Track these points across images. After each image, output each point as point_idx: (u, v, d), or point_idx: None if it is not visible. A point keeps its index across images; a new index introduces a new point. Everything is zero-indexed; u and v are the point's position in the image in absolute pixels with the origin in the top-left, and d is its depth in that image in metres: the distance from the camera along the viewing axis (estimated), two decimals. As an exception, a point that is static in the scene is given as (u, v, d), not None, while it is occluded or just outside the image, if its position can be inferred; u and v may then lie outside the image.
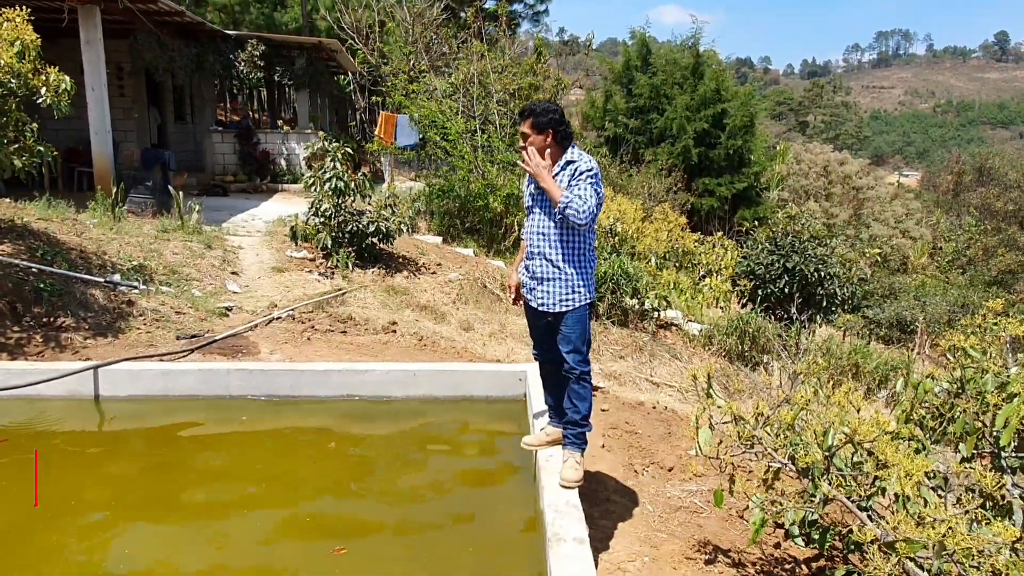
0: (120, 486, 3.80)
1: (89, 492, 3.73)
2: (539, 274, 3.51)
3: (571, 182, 3.37)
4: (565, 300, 3.46)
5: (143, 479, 3.88)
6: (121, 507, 3.55)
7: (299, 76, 14.69)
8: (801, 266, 11.56)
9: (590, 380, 3.59)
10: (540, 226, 3.50)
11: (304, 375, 4.88)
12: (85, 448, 4.30)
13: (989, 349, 3.80)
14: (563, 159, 3.45)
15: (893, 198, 22.52)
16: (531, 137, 3.42)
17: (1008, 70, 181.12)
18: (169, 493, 3.70)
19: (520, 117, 3.52)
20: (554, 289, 3.47)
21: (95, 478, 3.89)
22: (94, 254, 7.15)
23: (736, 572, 3.55)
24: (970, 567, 2.33)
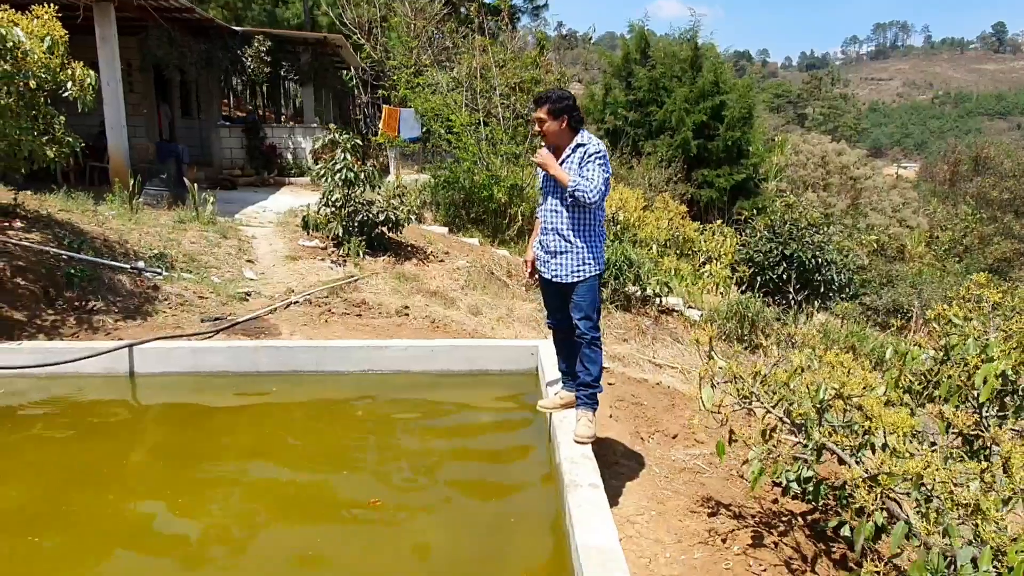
0: (164, 451, 4.09)
1: (135, 456, 4.01)
2: (553, 248, 3.80)
3: (581, 164, 3.64)
4: (577, 271, 3.75)
5: (185, 444, 4.16)
6: (169, 469, 3.83)
7: (304, 71, 14.94)
8: (799, 253, 11.85)
9: (600, 345, 3.86)
10: (553, 205, 3.80)
11: (328, 351, 5.16)
12: (127, 419, 4.59)
13: (971, 317, 4.08)
14: (574, 142, 3.71)
15: (891, 188, 22.78)
16: (547, 123, 3.68)
17: (1006, 61, 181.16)
18: (213, 456, 3.99)
19: (536, 104, 3.74)
20: (567, 261, 3.76)
21: (140, 444, 4.17)
22: (117, 243, 7.42)
23: (737, 523, 3.83)
24: (945, 498, 2.61)
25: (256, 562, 3.06)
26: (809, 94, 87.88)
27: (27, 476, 3.70)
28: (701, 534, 3.69)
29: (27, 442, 4.11)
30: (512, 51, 15.32)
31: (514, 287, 9.80)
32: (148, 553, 3.10)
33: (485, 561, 3.10)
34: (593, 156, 3.63)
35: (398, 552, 3.12)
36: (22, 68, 5.24)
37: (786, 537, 3.77)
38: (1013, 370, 3.57)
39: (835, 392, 3.20)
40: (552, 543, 3.21)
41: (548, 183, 3.85)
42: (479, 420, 4.70)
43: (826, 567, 3.58)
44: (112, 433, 4.33)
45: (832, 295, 12.71)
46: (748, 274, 11.72)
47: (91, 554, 3.07)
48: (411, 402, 4.89)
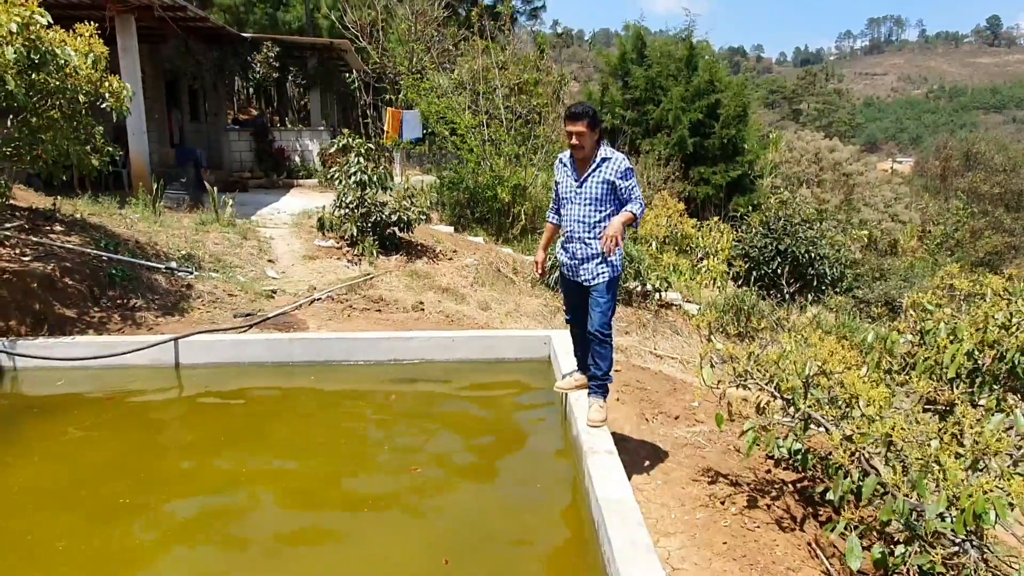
0: (218, 430, 4.53)
1: (191, 436, 4.46)
2: (580, 255, 4.07)
3: (616, 180, 3.92)
4: (601, 274, 4.05)
5: (237, 424, 4.61)
6: (225, 445, 4.28)
7: (311, 76, 15.38)
8: (792, 248, 12.32)
9: (611, 343, 4.17)
10: (579, 215, 4.03)
11: (357, 342, 5.62)
12: (181, 403, 5.04)
13: (942, 304, 4.54)
14: (599, 155, 3.96)
15: (883, 183, 23.29)
16: (586, 135, 3.86)
17: (1000, 55, 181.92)
18: (263, 434, 4.44)
19: (573, 118, 3.87)
20: (591, 266, 4.04)
21: (195, 425, 4.62)
22: (147, 244, 7.86)
23: (734, 489, 4.29)
24: (912, 456, 3.07)
25: (331, 506, 3.54)
26: (804, 89, 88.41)
27: (100, 454, 4.14)
28: (702, 499, 4.15)
29: (91, 426, 4.55)
30: (512, 53, 15.76)
31: (520, 283, 10.26)
32: (232, 507, 3.55)
33: (514, 513, 3.57)
34: (629, 172, 3.96)
35: (439, 509, 3.58)
36: (72, 84, 5.67)
37: (778, 501, 4.23)
38: (977, 349, 4.03)
39: (819, 369, 3.65)
40: (571, 499, 3.67)
41: (575, 191, 4.04)
42: (501, 401, 5.16)
43: (813, 527, 4.04)
44: (172, 414, 4.79)
45: (825, 289, 13.19)
46: (744, 269, 12.18)
47: (171, 514, 3.52)
48: (438, 386, 5.35)
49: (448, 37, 17.85)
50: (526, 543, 3.36)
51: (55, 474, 3.89)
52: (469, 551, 3.29)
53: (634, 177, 4.00)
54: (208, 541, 3.35)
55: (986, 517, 2.75)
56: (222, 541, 3.36)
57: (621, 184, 3.93)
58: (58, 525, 3.37)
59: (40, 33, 5.49)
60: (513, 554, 3.28)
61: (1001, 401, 3.83)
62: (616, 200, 4.00)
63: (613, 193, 3.97)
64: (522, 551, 3.31)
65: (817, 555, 3.76)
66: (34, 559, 3.12)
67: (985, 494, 2.76)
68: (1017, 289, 4.12)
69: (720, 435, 5.10)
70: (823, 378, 3.78)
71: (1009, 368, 3.91)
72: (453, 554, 3.22)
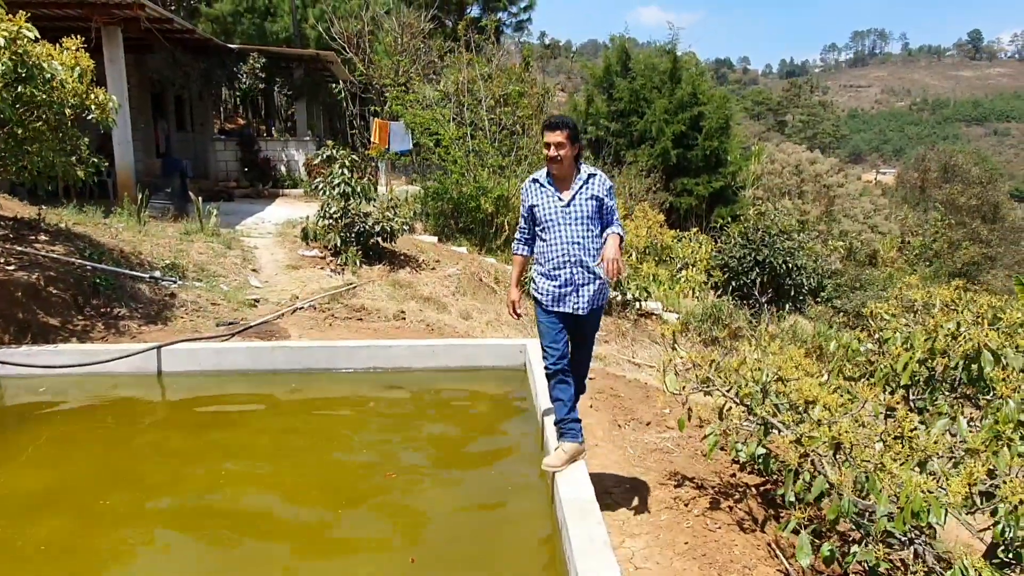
0: (200, 437, 4.65)
1: (174, 442, 4.57)
2: (577, 280, 3.71)
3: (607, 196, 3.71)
4: (598, 300, 3.82)
5: (219, 431, 4.73)
6: (207, 452, 4.40)
7: (298, 86, 15.52)
8: (770, 259, 12.56)
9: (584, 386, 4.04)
10: (573, 236, 3.67)
11: (338, 351, 5.74)
12: (164, 410, 5.15)
13: (897, 314, 4.74)
14: (583, 172, 3.71)
15: (861, 194, 23.69)
16: (567, 147, 3.60)
17: (982, 68, 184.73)
18: (245, 440, 4.56)
19: (552, 128, 3.62)
20: (591, 292, 3.75)
21: (178, 432, 4.73)
22: (131, 254, 7.95)
23: (699, 492, 4.45)
24: (860, 458, 3.24)
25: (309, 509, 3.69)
26: (789, 101, 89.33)
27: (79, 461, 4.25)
28: (668, 501, 4.30)
29: (74, 432, 4.65)
30: (497, 65, 15.99)
31: (501, 293, 10.42)
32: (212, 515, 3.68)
33: (483, 515, 3.72)
34: (613, 191, 3.81)
35: (410, 512, 3.72)
36: (58, 97, 5.79)
37: (740, 503, 4.39)
38: (929, 356, 4.22)
39: (776, 375, 3.83)
40: (540, 502, 3.82)
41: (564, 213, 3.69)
42: (476, 408, 5.31)
43: (773, 528, 4.20)
44: (157, 421, 4.89)
45: (804, 298, 13.45)
46: (723, 279, 12.41)
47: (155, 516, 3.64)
48: (417, 395, 5.48)
49: (434, 49, 18.04)
50: (492, 543, 3.51)
51: (40, 480, 3.99)
52: (437, 550, 3.43)
53: (615, 198, 3.86)
54: (191, 544, 3.47)
55: (923, 515, 2.92)
56: (204, 543, 3.47)
57: (608, 203, 3.72)
58: (45, 529, 3.47)
59: (27, 47, 5.61)
60: (479, 553, 3.42)
61: (953, 406, 4.02)
62: (601, 220, 3.74)
63: (599, 211, 3.71)
64: (487, 550, 3.45)
65: (776, 555, 3.93)
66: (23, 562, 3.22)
67: (923, 494, 2.93)
68: (965, 300, 4.32)
69: (688, 440, 5.27)
70: (780, 384, 3.95)
71: (958, 376, 4.10)
72: (421, 554, 3.36)
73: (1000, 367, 3.56)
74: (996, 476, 3.22)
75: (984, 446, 3.15)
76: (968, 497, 3.02)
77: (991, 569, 2.90)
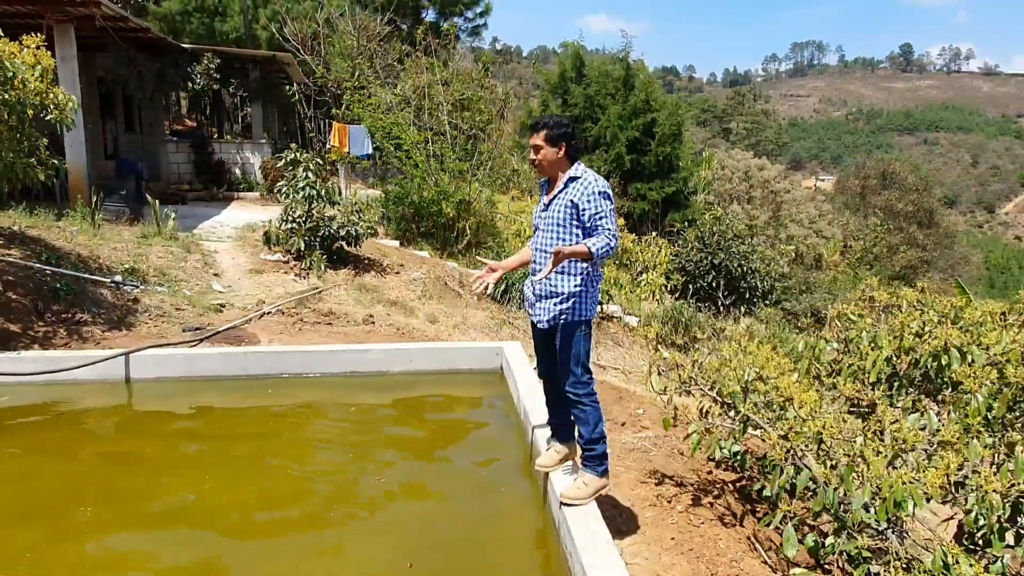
0: (175, 444, 4.55)
1: (148, 449, 4.47)
2: (539, 291, 3.50)
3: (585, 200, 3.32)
4: (556, 316, 3.44)
5: (195, 438, 4.64)
6: (184, 459, 4.32)
7: (253, 88, 15.25)
8: (726, 262, 12.90)
9: (586, 403, 3.47)
10: (542, 244, 3.48)
11: (313, 355, 5.69)
12: (134, 417, 5.02)
13: (864, 314, 4.96)
14: (568, 174, 3.43)
15: (807, 200, 24.53)
16: (544, 150, 3.40)
17: (912, 80, 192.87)
18: (223, 447, 4.48)
19: (532, 129, 3.47)
20: (549, 306, 3.46)
21: (151, 439, 4.62)
22: (90, 258, 7.71)
23: (679, 490, 4.57)
24: (836, 450, 3.40)
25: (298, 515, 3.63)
26: (733, 109, 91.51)
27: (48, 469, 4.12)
28: (650, 499, 4.41)
29: (41, 442, 4.50)
30: (455, 70, 15.98)
31: (467, 297, 10.44)
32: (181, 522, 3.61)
33: (478, 515, 3.76)
34: (598, 196, 3.31)
35: (404, 516, 3.73)
36: (19, 96, 5.59)
37: (719, 499, 4.52)
38: (895, 355, 4.44)
39: (756, 375, 3.97)
40: (532, 501, 3.88)
41: (542, 218, 3.53)
42: (458, 411, 5.34)
43: (751, 522, 4.34)
44: (126, 429, 4.77)
45: (756, 301, 13.84)
46: (681, 282, 12.68)
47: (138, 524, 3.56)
48: (396, 399, 5.47)
49: (391, 52, 17.94)
50: (489, 543, 3.55)
51: (6, 492, 3.86)
52: (434, 554, 3.45)
53: (605, 203, 3.32)
54: (171, 551, 3.39)
55: (905, 505, 3.08)
56: (185, 552, 3.41)
57: (586, 207, 3.30)
58: (16, 539, 3.36)
59: (-12, 45, 5.42)
60: (475, 555, 3.45)
61: (916, 402, 4.24)
62: (581, 228, 3.37)
63: (577, 218, 3.35)
64: (484, 552, 3.48)
65: (756, 548, 4.07)
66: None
67: (904, 484, 3.09)
68: (929, 300, 4.55)
69: (664, 439, 5.40)
70: (760, 383, 4.10)
71: (923, 372, 4.33)
72: (419, 557, 3.37)
73: (966, 363, 3.77)
74: (964, 467, 3.42)
75: (955, 438, 3.34)
76: (943, 487, 3.21)
77: (965, 555, 3.08)
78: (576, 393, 3.45)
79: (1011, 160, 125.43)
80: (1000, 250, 71.34)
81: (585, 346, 3.48)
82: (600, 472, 3.52)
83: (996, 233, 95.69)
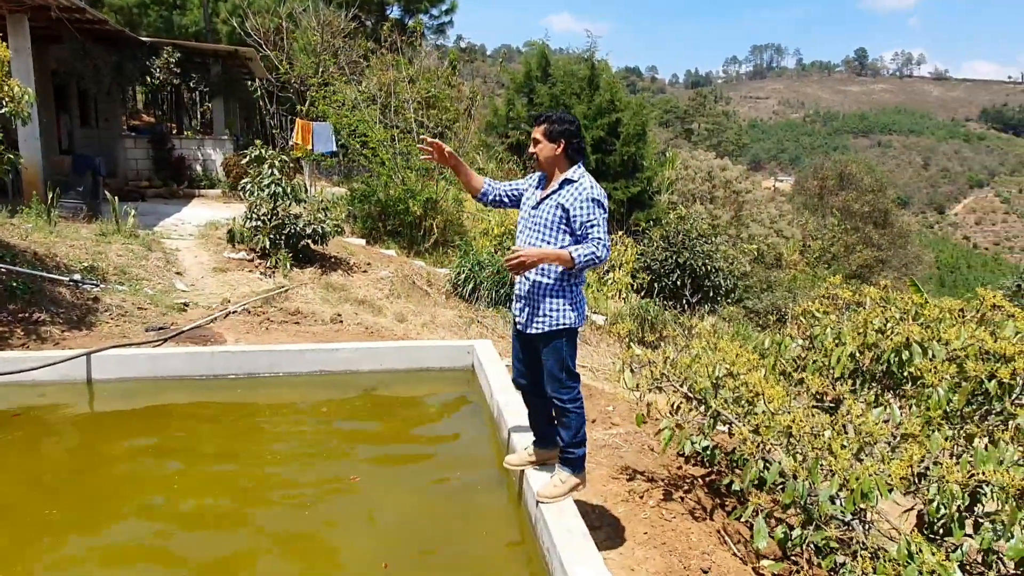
0: (141, 446, 4.45)
1: (114, 450, 4.36)
2: (521, 293, 3.42)
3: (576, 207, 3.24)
4: (539, 322, 3.35)
5: (161, 440, 4.54)
6: (151, 461, 4.22)
7: (215, 83, 14.96)
8: (691, 261, 13.08)
9: (571, 410, 3.45)
10: (526, 243, 3.38)
11: (281, 354, 5.62)
12: (97, 419, 4.90)
13: (828, 311, 5.09)
14: (564, 176, 3.33)
15: (768, 200, 25.01)
16: (542, 144, 3.31)
17: (867, 83, 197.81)
18: (191, 448, 4.40)
19: (535, 122, 3.38)
20: (531, 310, 3.37)
21: (116, 441, 4.51)
22: (46, 256, 7.49)
23: (650, 485, 4.63)
24: (806, 443, 3.48)
25: (274, 515, 3.57)
26: (695, 110, 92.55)
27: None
28: (622, 495, 4.46)
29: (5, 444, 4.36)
30: (421, 67, 15.92)
31: (435, 295, 10.41)
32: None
33: (453, 514, 3.75)
34: (592, 204, 3.22)
35: (380, 515, 3.71)
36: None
37: (690, 494, 4.60)
38: (859, 351, 4.56)
39: (727, 371, 4.04)
40: (506, 498, 3.89)
41: (524, 219, 3.45)
42: (430, 409, 5.32)
43: (721, 516, 4.42)
44: (90, 431, 4.65)
45: (720, 299, 14.07)
46: (647, 281, 12.82)
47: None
48: (367, 398, 5.43)
49: (356, 49, 17.77)
50: (465, 540, 3.55)
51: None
52: (410, 553, 3.44)
53: (598, 211, 3.22)
54: (138, 554, 3.32)
55: (871, 496, 3.17)
56: (154, 555, 3.34)
57: (577, 214, 3.21)
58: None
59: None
60: (452, 553, 3.45)
61: (879, 397, 4.36)
62: (570, 234, 3.27)
63: (566, 223, 3.26)
64: (462, 548, 3.49)
65: (726, 541, 4.14)
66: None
67: (871, 476, 3.18)
68: (892, 297, 4.68)
69: (635, 436, 5.46)
70: (730, 379, 4.18)
71: (885, 368, 4.45)
72: (395, 556, 3.36)
73: (927, 358, 3.90)
74: (926, 459, 3.53)
75: (918, 431, 3.45)
76: (907, 478, 3.31)
77: (928, 543, 3.18)
78: (561, 398, 3.40)
79: (960, 163, 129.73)
80: (950, 250, 73.75)
81: (570, 351, 3.40)
82: (575, 471, 3.55)
83: (946, 233, 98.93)
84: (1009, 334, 3.86)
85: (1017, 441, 3.47)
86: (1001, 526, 3.19)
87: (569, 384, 3.41)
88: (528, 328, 3.40)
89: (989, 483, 3.18)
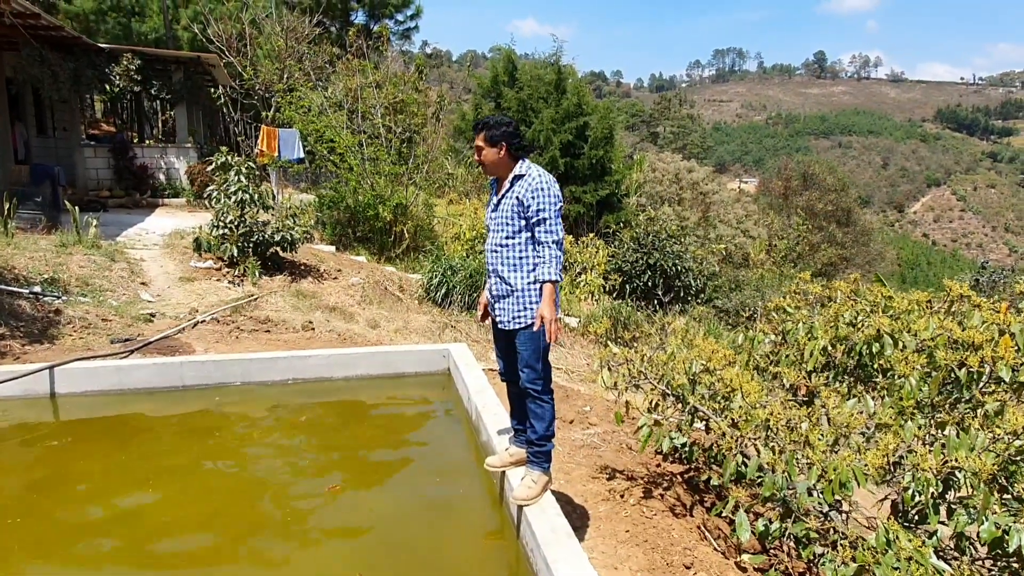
0: (110, 462, 4.32)
1: (82, 465, 4.23)
2: (495, 292, 3.52)
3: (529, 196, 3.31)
4: (518, 317, 3.44)
5: (131, 454, 4.41)
6: (121, 476, 4.10)
7: (177, 90, 14.69)
8: (661, 261, 13.18)
9: (546, 400, 3.56)
10: (492, 244, 3.49)
11: (253, 363, 5.51)
12: (62, 434, 4.74)
13: (800, 307, 5.15)
14: (513, 173, 3.42)
15: (734, 201, 25.34)
16: (485, 150, 3.40)
17: (827, 86, 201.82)
18: (163, 462, 4.28)
19: (474, 131, 3.47)
20: (507, 306, 3.46)
21: (87, 457, 4.38)
22: (4, 268, 7.27)
23: (630, 483, 4.63)
24: (784, 436, 3.51)
25: (251, 527, 3.48)
26: (660, 114, 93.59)
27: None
28: (603, 493, 4.45)
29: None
30: (387, 73, 15.81)
31: (407, 301, 10.34)
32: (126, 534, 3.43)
33: (433, 518, 3.70)
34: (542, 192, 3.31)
35: (362, 522, 3.65)
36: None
37: (669, 491, 4.61)
38: (831, 344, 4.61)
39: (703, 367, 4.06)
40: (487, 500, 3.86)
41: (492, 218, 3.54)
42: (406, 414, 5.26)
43: (701, 512, 4.44)
44: (54, 447, 4.50)
45: (690, 299, 14.20)
46: (619, 282, 12.89)
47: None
48: (343, 405, 5.35)
49: (322, 54, 17.61)
50: (448, 543, 3.51)
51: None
52: (393, 558, 3.38)
53: (550, 201, 3.33)
54: (112, 570, 3.22)
55: (849, 485, 3.20)
56: (127, 570, 3.24)
57: (530, 203, 3.31)
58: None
59: None
60: (436, 555, 3.40)
61: (852, 389, 4.42)
62: (526, 222, 3.38)
63: (523, 216, 3.37)
64: (445, 551, 3.44)
65: (706, 536, 4.16)
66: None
67: (848, 466, 3.22)
68: (862, 291, 4.75)
69: (613, 435, 5.46)
70: (707, 375, 4.20)
71: (857, 360, 4.51)
72: (376, 562, 3.30)
73: (898, 349, 3.96)
74: (900, 448, 3.58)
75: (892, 420, 3.49)
76: (882, 467, 3.35)
77: (904, 531, 3.22)
78: (535, 388, 3.49)
79: (917, 162, 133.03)
80: (910, 247, 75.51)
81: (544, 342, 3.45)
82: (545, 469, 3.63)
83: (906, 231, 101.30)
84: (976, 323, 3.93)
85: (987, 427, 3.54)
86: (974, 510, 3.24)
87: (544, 374, 3.52)
88: (510, 324, 3.49)
89: (962, 469, 3.23)
